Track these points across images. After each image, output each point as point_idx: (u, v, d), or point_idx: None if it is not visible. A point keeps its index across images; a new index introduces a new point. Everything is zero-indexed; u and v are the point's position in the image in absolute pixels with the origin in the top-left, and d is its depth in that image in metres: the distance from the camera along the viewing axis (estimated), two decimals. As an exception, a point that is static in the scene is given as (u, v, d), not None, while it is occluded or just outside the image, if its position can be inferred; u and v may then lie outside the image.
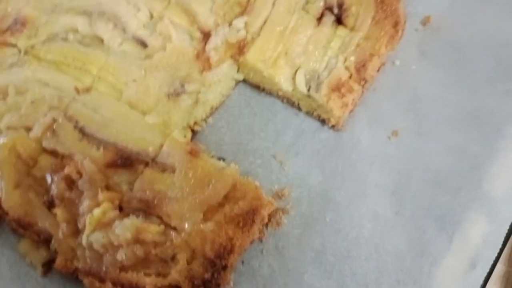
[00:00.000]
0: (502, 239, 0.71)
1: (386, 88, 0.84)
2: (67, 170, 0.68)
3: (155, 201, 0.67)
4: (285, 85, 0.81)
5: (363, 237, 0.73)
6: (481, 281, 0.69)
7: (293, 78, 0.81)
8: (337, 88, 0.80)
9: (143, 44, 0.78)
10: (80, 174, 0.68)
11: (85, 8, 0.79)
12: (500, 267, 0.75)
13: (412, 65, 0.86)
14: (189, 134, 0.77)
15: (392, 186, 0.76)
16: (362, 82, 0.82)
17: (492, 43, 0.83)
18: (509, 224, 0.73)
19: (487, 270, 0.69)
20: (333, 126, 0.82)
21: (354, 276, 0.70)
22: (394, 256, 0.71)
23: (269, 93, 0.84)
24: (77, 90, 0.74)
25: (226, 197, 0.70)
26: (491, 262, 0.70)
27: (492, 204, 0.73)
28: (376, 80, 0.85)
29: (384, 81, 0.85)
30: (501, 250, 0.72)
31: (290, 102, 0.84)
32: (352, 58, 0.81)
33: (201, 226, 0.67)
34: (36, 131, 0.71)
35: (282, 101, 0.84)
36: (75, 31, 0.78)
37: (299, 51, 0.82)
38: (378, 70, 0.86)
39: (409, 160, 0.78)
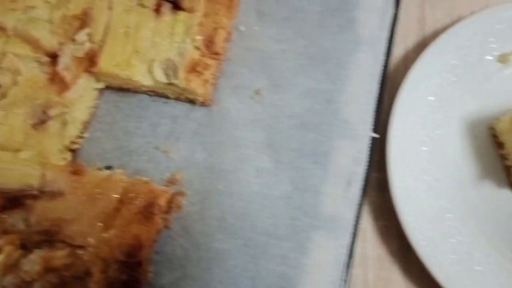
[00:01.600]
0: (367, 153, 0.82)
1: (239, 55, 0.91)
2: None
3: (54, 228, 0.71)
4: (146, 81, 0.85)
5: (253, 193, 0.81)
6: (358, 194, 0.80)
7: (151, 72, 0.85)
8: (193, 68, 0.85)
9: (-5, 86, 0.78)
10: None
11: None
12: (374, 175, 0.87)
13: (254, 27, 0.93)
14: (69, 155, 0.80)
15: (267, 140, 0.85)
16: (215, 56, 0.87)
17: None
18: (369, 139, 0.83)
19: (361, 182, 0.80)
20: (203, 104, 0.88)
21: (255, 229, 0.79)
22: (283, 199, 0.80)
23: (135, 91, 0.88)
24: None
25: (121, 201, 0.74)
26: (363, 176, 0.81)
27: (351, 127, 0.84)
28: (229, 50, 0.92)
29: (236, 49, 0.92)
30: (370, 162, 0.83)
31: (157, 94, 0.88)
32: (199, 37, 0.87)
33: (105, 235, 0.71)
34: None
35: (149, 95, 0.89)
36: None
37: (147, 45, 0.86)
38: (227, 41, 0.92)
39: (275, 112, 0.86)
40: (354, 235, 0.79)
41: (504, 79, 0.91)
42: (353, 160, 0.83)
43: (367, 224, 0.87)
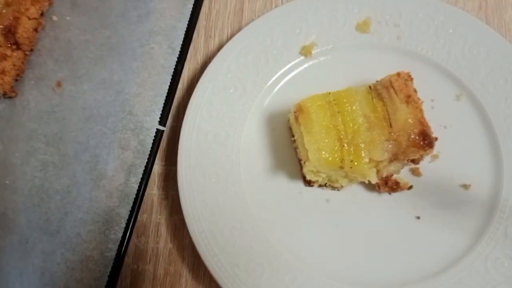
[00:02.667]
0: (149, 146, 0.80)
1: (48, 45, 0.90)
2: None
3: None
4: None
5: (35, 187, 0.80)
6: (136, 185, 0.77)
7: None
8: (-11, 59, 0.84)
9: None
10: None
11: None
12: (158, 168, 0.85)
13: (66, 16, 0.91)
14: None
15: (59, 133, 0.83)
16: (15, 46, 0.86)
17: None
18: (154, 132, 0.81)
19: (141, 173, 0.78)
20: (5, 95, 0.87)
21: (30, 224, 0.78)
22: (62, 193, 0.79)
23: None
24: None
25: None
26: (143, 168, 0.79)
27: (135, 119, 0.81)
28: (38, 40, 0.90)
29: (45, 39, 0.90)
30: (154, 155, 0.81)
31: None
32: (-4, 27, 0.85)
33: None
34: None
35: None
36: None
37: None
38: (36, 31, 0.90)
39: (71, 104, 0.84)
40: (129, 229, 0.77)
41: (305, 71, 0.86)
42: (134, 153, 0.80)
43: (162, 218, 0.84)
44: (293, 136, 0.80)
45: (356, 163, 0.71)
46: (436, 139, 0.75)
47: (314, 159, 0.71)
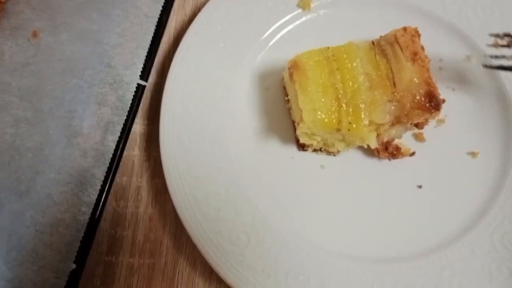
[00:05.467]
0: (129, 102, 0.73)
1: (24, -6, 0.82)
2: None
3: None
4: None
5: (6, 143, 0.74)
6: (114, 144, 0.71)
7: None
8: (-39, 7, 0.77)
9: None
10: None
11: None
12: (139, 127, 0.78)
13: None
14: None
15: (34, 87, 0.77)
16: (-12, -6, 0.79)
17: None
18: (134, 87, 0.74)
19: (119, 131, 0.72)
20: (-22, 47, 0.80)
21: (6, 182, 0.72)
22: (34, 150, 0.73)
23: None
24: None
25: None
26: (121, 125, 0.72)
27: (114, 73, 0.75)
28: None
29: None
30: (134, 112, 0.74)
31: None
32: (-29, -28, 0.78)
33: None
34: None
35: None
36: None
37: None
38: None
39: (47, 56, 0.78)
40: (105, 192, 0.71)
41: (303, 26, 0.78)
42: (112, 109, 0.74)
43: (143, 181, 0.78)
44: (287, 95, 0.73)
45: (354, 125, 0.64)
46: (443, 101, 0.68)
47: (309, 120, 0.64)
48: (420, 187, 0.71)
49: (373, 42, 0.68)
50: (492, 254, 0.66)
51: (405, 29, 0.67)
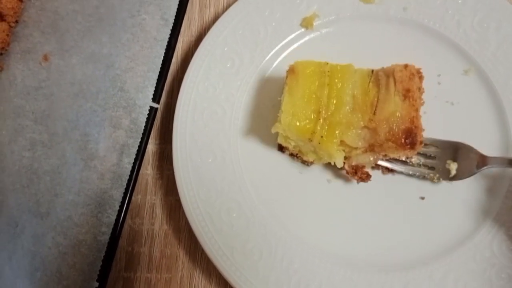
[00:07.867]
0: (143, 125, 0.76)
1: (34, 16, 0.85)
2: None
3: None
4: None
5: (24, 167, 0.76)
6: (130, 166, 0.74)
7: None
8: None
9: None
10: None
11: None
12: (152, 146, 0.81)
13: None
14: None
15: (48, 110, 0.79)
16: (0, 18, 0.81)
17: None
18: (147, 110, 0.76)
19: (134, 153, 0.74)
20: (-10, 70, 0.82)
21: (19, 206, 0.75)
22: (51, 173, 0.76)
23: None
24: None
25: None
26: (136, 147, 0.75)
27: (127, 96, 0.77)
28: (24, 11, 0.85)
29: (31, 9, 0.85)
30: (148, 134, 0.77)
31: None
32: (-21, -1, 0.80)
33: None
34: None
35: None
36: None
37: None
38: (21, 1, 0.85)
39: (59, 79, 0.80)
40: (123, 212, 0.74)
41: (306, 45, 0.81)
42: (126, 132, 0.76)
43: (157, 199, 0.81)
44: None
45: (325, 139, 0.67)
46: (421, 143, 0.70)
47: (285, 122, 0.68)
48: (422, 198, 0.74)
49: (372, 71, 0.71)
50: (492, 260, 0.70)
51: (406, 66, 0.70)
